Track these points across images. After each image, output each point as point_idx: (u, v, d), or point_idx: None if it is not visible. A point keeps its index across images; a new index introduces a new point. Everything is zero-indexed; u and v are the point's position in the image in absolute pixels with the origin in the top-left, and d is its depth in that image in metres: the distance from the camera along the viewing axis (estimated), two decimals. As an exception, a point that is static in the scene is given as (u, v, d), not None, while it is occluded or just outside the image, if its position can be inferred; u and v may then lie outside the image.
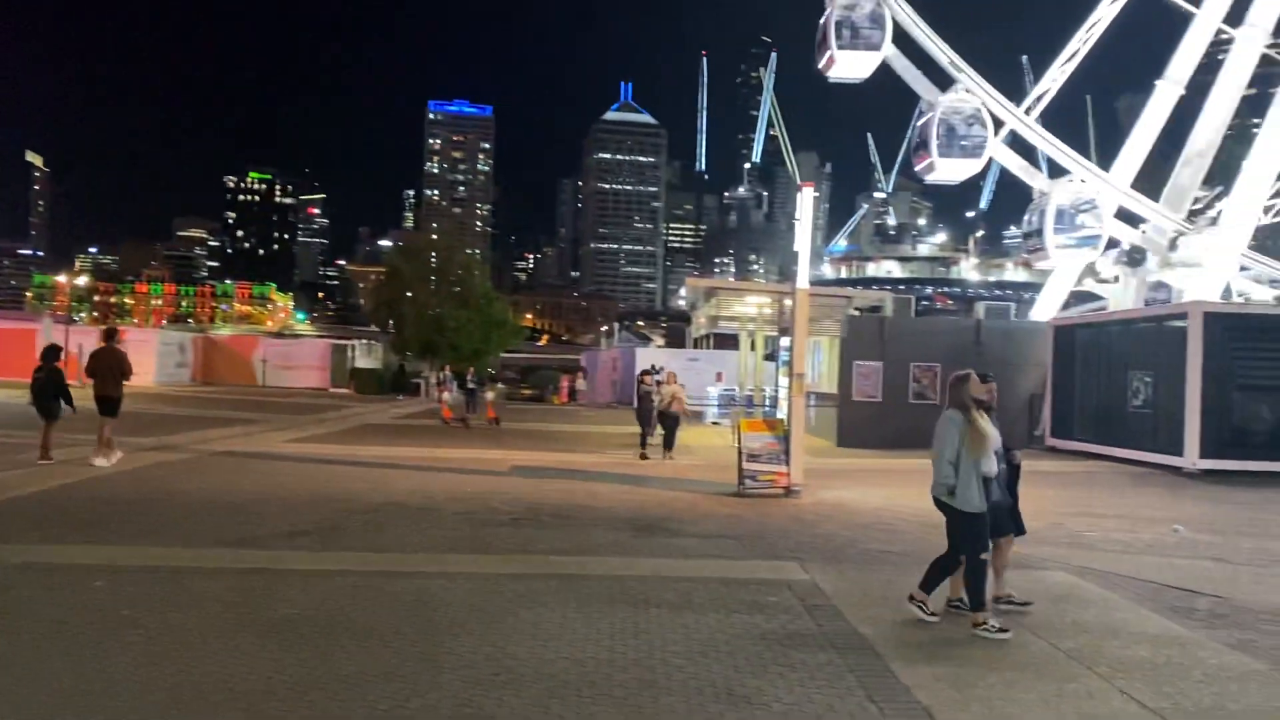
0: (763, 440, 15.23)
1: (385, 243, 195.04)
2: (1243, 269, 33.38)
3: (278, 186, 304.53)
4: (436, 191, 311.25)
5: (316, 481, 15.15)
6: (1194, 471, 19.44)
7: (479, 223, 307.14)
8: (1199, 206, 35.18)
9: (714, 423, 31.55)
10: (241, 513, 11.96)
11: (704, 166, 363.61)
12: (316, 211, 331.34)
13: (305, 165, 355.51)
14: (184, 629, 6.89)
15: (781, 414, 17.86)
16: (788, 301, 16.22)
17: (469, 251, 72.56)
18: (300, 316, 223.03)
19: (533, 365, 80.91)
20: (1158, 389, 21.03)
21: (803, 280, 15.75)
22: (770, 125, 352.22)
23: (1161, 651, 7.07)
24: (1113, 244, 33.60)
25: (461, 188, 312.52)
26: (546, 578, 8.86)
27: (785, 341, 18.01)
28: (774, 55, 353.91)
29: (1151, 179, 35.79)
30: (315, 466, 17.31)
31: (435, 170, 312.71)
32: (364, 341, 58.68)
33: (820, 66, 31.96)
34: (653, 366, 23.10)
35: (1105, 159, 36.40)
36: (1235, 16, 32.92)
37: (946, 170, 31.75)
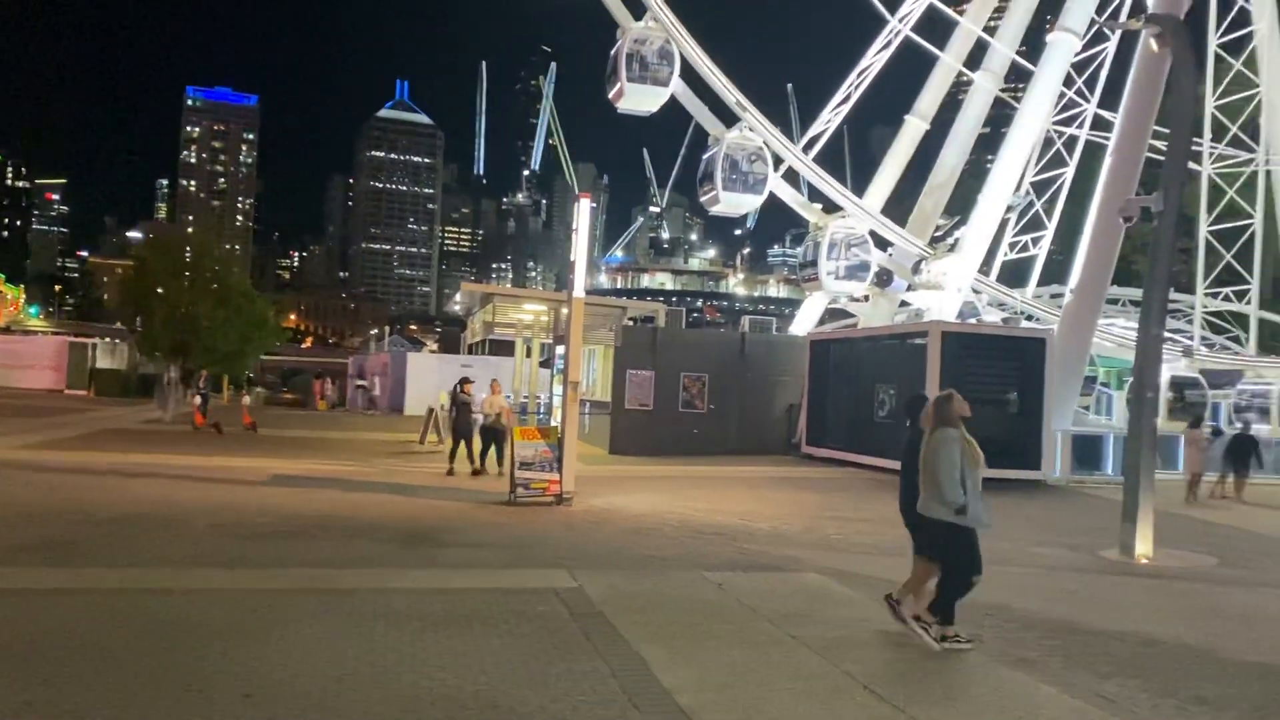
0: (536, 448, 15.23)
1: (134, 234, 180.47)
2: (975, 292, 36.52)
3: (9, 167, 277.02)
4: (193, 182, 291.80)
5: (47, 491, 13.88)
6: (932, 478, 21.03)
7: (240, 217, 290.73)
8: (940, 234, 38.29)
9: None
10: (-46, 527, 10.78)
11: (482, 171, 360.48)
12: (55, 197, 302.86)
13: (44, 146, 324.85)
14: (-123, 660, 6.12)
15: (555, 421, 17.94)
16: (564, 310, 16.34)
17: (227, 246, 68.64)
18: (33, 311, 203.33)
19: (297, 369, 77.63)
20: (901, 401, 22.64)
21: (579, 289, 15.89)
22: (550, 134, 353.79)
23: (901, 650, 7.60)
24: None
25: (221, 180, 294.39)
26: (305, 593, 8.49)
27: (561, 349, 18.12)
28: (553, 65, 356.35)
29: (899, 206, 38.64)
30: (47, 475, 15.87)
31: (193, 160, 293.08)
32: (107, 340, 54.40)
33: (610, 96, 32.40)
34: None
35: (858, 186, 38.91)
36: (974, 61, 36.17)
37: (730, 203, 32.96)
